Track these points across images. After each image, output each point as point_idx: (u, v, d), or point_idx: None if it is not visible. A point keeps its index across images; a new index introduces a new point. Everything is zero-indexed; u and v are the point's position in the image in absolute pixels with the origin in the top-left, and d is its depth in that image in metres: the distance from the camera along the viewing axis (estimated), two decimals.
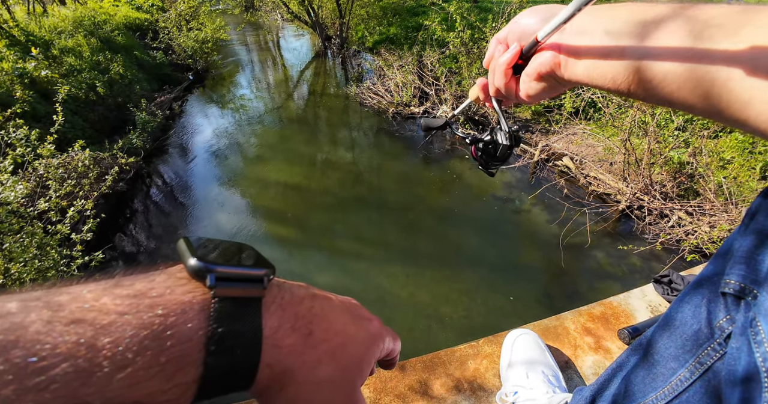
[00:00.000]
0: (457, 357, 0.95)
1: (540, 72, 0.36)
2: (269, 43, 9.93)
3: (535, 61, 0.37)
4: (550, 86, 0.38)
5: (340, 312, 0.25)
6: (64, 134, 3.69)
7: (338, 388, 0.22)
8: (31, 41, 4.54)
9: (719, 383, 0.30)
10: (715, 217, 2.85)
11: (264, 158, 4.60)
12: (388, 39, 7.29)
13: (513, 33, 0.40)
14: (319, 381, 0.21)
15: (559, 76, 0.36)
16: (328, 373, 0.22)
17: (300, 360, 0.21)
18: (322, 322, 0.23)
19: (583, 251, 3.05)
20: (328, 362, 0.22)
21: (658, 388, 0.34)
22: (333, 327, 0.23)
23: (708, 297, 0.31)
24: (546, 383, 0.74)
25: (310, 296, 0.24)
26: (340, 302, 0.26)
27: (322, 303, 0.24)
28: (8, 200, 2.23)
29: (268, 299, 0.21)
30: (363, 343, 0.25)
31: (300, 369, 0.21)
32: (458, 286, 2.82)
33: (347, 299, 0.27)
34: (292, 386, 0.21)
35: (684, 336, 0.32)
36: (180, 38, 6.89)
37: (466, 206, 3.66)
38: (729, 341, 0.29)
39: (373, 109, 5.48)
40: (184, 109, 5.87)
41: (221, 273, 0.19)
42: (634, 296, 1.10)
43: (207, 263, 0.19)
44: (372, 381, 0.91)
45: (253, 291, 0.20)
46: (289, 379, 0.21)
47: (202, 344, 0.18)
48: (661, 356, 0.34)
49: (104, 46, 5.69)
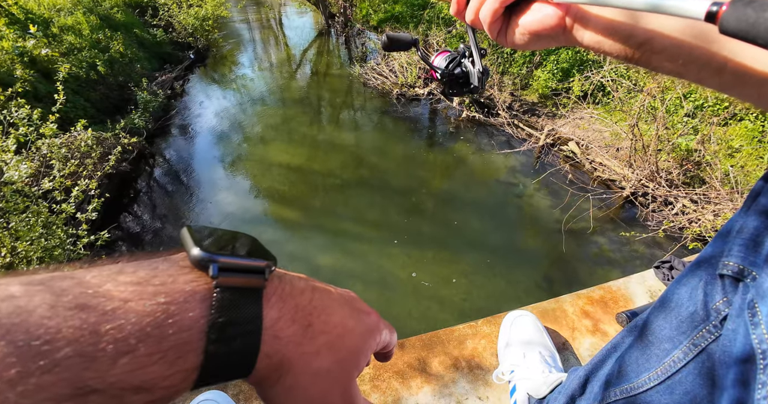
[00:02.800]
0: (455, 336, 0.97)
1: (538, 29, 0.33)
2: (271, 20, 9.68)
3: (536, 14, 0.32)
4: (545, 41, 0.34)
5: (339, 304, 0.25)
6: (66, 114, 3.67)
7: (335, 379, 0.23)
8: (30, 19, 4.44)
9: (713, 364, 0.30)
10: (720, 205, 2.83)
11: (266, 138, 4.57)
12: (393, 17, 7.09)
13: None
14: (317, 372, 0.22)
15: (559, 36, 0.33)
16: (326, 364, 0.22)
17: (299, 351, 0.21)
18: (322, 314, 0.23)
19: (585, 236, 3.05)
20: (326, 353, 0.22)
21: (652, 369, 0.34)
22: (332, 320, 0.24)
23: (705, 279, 0.31)
24: (542, 363, 0.76)
25: (310, 288, 0.24)
26: (339, 294, 0.26)
27: (321, 296, 0.24)
28: (13, 180, 2.24)
29: (269, 290, 0.21)
30: (360, 336, 0.25)
31: (298, 360, 0.21)
32: (459, 268, 2.85)
33: (346, 291, 0.28)
34: (290, 376, 0.21)
35: (679, 318, 0.33)
36: (180, 15, 6.73)
37: (469, 189, 3.64)
38: (725, 323, 0.29)
39: (376, 90, 5.39)
40: (185, 89, 5.79)
41: (224, 264, 0.20)
42: (634, 281, 1.11)
43: (210, 253, 0.20)
44: (371, 358, 0.94)
45: (254, 282, 0.21)
46: (287, 369, 0.21)
47: (203, 332, 0.18)
48: (655, 337, 0.35)
49: (103, 23, 5.57)
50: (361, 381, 0.89)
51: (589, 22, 0.31)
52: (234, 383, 0.91)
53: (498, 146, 4.11)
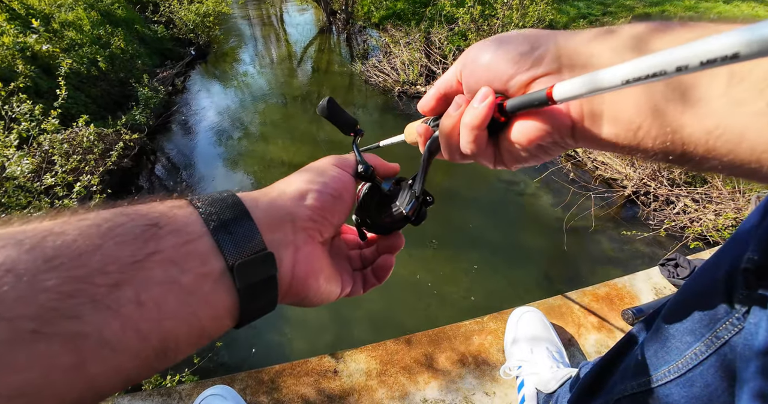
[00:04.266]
0: (462, 332, 0.98)
1: (541, 135, 0.25)
2: (272, 17, 9.64)
3: (535, 123, 0.25)
4: (554, 149, 0.27)
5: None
6: (68, 110, 3.66)
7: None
8: (31, 15, 4.42)
9: (734, 358, 0.30)
10: (722, 205, 2.83)
11: (267, 136, 4.57)
12: (394, 14, 7.06)
13: (473, 74, 0.27)
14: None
15: (568, 142, 0.26)
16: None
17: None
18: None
19: (586, 235, 3.05)
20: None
21: (671, 361, 0.34)
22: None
23: (728, 273, 0.31)
24: (550, 358, 0.76)
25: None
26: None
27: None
28: (15, 175, 2.24)
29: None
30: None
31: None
32: (460, 267, 2.85)
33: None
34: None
35: (702, 311, 0.33)
36: (181, 11, 6.70)
37: (471, 187, 3.64)
38: (747, 316, 0.29)
39: (378, 87, 5.37)
40: (186, 85, 5.78)
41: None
42: (639, 278, 1.11)
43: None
44: (378, 354, 0.94)
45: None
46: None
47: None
48: (676, 330, 0.35)
49: (104, 19, 5.55)
50: (369, 377, 0.90)
51: (609, 112, 0.23)
52: (240, 377, 0.92)
53: None
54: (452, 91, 0.31)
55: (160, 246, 0.19)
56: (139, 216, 0.20)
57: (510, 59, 0.25)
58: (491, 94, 0.25)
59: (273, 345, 2.30)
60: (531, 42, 0.25)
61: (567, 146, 0.27)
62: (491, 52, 0.26)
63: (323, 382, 0.89)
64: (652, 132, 0.22)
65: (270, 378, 0.90)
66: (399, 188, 0.35)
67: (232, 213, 0.23)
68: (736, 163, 0.20)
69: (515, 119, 0.26)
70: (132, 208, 0.21)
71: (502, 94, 0.26)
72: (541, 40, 0.25)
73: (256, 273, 0.22)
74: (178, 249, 0.20)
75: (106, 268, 0.17)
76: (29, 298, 0.15)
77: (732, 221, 2.69)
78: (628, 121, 0.22)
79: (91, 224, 0.18)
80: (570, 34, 0.25)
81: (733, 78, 0.19)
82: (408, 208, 0.32)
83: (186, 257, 0.20)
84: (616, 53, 0.22)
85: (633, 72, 0.16)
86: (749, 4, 5.69)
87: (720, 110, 0.19)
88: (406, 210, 0.32)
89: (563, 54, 0.24)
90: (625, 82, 0.17)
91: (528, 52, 0.25)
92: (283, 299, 0.26)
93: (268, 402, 0.86)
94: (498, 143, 0.28)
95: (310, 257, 0.26)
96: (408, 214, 0.32)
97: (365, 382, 0.88)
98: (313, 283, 0.27)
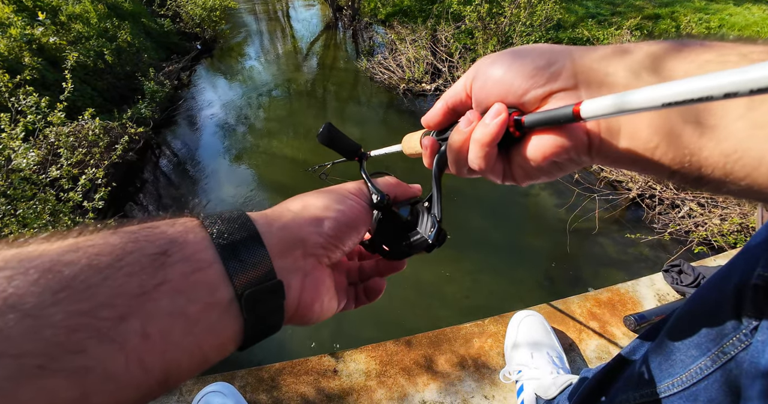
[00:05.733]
0: (462, 334, 0.97)
1: (556, 151, 0.24)
2: (278, 12, 9.62)
3: (552, 139, 0.24)
4: (568, 166, 0.26)
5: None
6: (74, 103, 3.67)
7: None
8: (38, 7, 4.43)
9: (740, 374, 0.30)
10: (728, 210, 2.80)
11: (272, 131, 4.57)
12: (401, 11, 7.02)
13: (484, 87, 0.26)
14: None
15: (584, 159, 0.25)
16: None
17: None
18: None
19: (589, 237, 3.04)
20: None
21: (675, 375, 0.34)
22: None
23: (738, 287, 0.31)
24: (550, 363, 0.75)
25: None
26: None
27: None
28: (21, 167, 2.25)
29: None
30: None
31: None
32: (462, 267, 2.84)
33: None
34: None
35: (709, 325, 0.32)
36: (187, 5, 6.70)
37: (474, 187, 3.63)
38: (755, 333, 0.29)
39: (383, 84, 5.36)
40: (192, 79, 5.78)
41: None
42: (643, 284, 1.10)
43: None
44: (378, 354, 0.94)
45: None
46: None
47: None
48: (682, 343, 0.34)
49: (111, 12, 5.55)
50: (368, 377, 0.90)
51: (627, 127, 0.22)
52: (241, 375, 0.92)
53: None
54: (460, 105, 0.30)
55: (168, 276, 0.19)
56: (148, 243, 0.19)
57: (526, 73, 0.24)
58: (504, 110, 0.25)
59: (273, 342, 2.31)
60: (547, 57, 0.24)
61: (582, 163, 0.26)
62: (506, 66, 0.25)
63: (323, 381, 0.89)
64: (669, 153, 0.21)
65: (270, 376, 0.91)
66: (417, 212, 0.33)
67: (244, 238, 0.22)
68: (754, 188, 0.19)
69: (531, 134, 0.25)
70: (142, 232, 0.20)
71: (516, 108, 0.26)
72: (557, 55, 0.24)
73: (264, 303, 0.22)
74: (186, 278, 0.20)
75: (113, 301, 0.17)
76: (35, 335, 0.15)
77: (737, 227, 2.67)
78: (646, 139, 0.22)
79: (99, 253, 0.18)
80: (585, 50, 0.24)
81: (754, 101, 0.18)
82: (432, 236, 0.30)
83: (194, 287, 0.20)
84: (633, 73, 0.21)
85: (675, 94, 0.16)
86: (760, 7, 5.60)
87: (739, 133, 0.19)
88: (431, 239, 0.30)
89: (579, 71, 0.23)
90: (666, 104, 0.16)
91: (545, 67, 0.24)
92: (288, 322, 0.26)
93: (268, 400, 0.87)
94: (509, 159, 0.28)
95: (317, 282, 0.27)
96: (433, 242, 0.30)
97: (364, 382, 0.88)
98: (317, 307, 0.27)
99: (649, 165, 0.22)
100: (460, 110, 0.30)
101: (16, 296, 0.15)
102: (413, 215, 0.33)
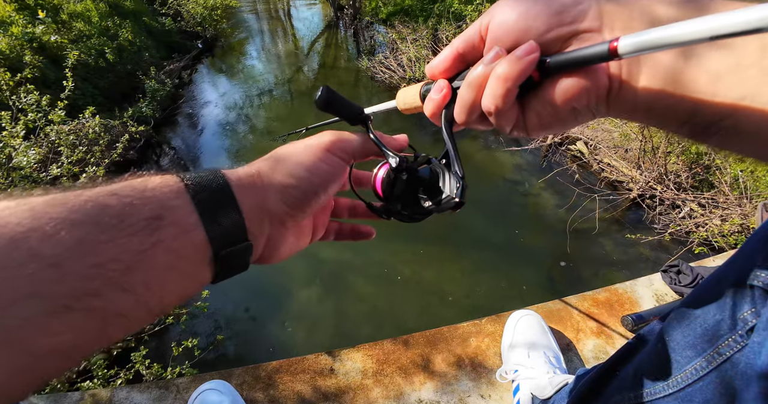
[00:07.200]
0: (459, 334, 0.97)
1: (575, 100, 0.23)
2: (280, 11, 9.62)
3: (574, 81, 0.23)
4: (580, 117, 0.26)
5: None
6: (75, 101, 3.68)
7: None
8: (39, 5, 4.43)
9: (735, 375, 0.30)
10: (728, 210, 2.79)
11: (273, 130, 4.57)
12: (402, 10, 7.01)
13: (503, 24, 0.25)
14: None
15: (600, 108, 0.25)
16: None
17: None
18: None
19: (590, 237, 3.03)
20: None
21: (670, 376, 0.34)
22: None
23: (734, 288, 0.30)
24: (547, 363, 0.75)
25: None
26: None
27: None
28: (21, 165, 2.26)
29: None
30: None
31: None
32: (462, 266, 2.84)
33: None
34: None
35: (705, 325, 0.32)
36: (189, 4, 6.70)
37: (475, 187, 3.62)
38: (751, 334, 0.29)
39: (384, 84, 5.35)
40: (193, 78, 5.79)
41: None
42: (641, 284, 1.10)
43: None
44: (375, 353, 0.94)
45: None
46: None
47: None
48: (677, 343, 0.34)
49: (113, 11, 5.56)
50: (365, 376, 0.89)
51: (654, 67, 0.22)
52: (237, 373, 0.92)
53: (505, 144, 4.08)
54: (472, 51, 0.28)
55: (162, 236, 0.23)
56: (143, 206, 0.23)
57: (552, 11, 0.23)
58: (537, 49, 0.23)
59: (273, 340, 2.31)
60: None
61: (598, 113, 0.25)
62: (530, 2, 0.24)
63: (319, 380, 0.89)
64: (684, 100, 0.22)
65: (267, 374, 0.90)
66: (435, 172, 0.31)
67: (223, 203, 0.26)
68: (762, 137, 0.20)
69: (551, 77, 0.24)
70: (135, 195, 0.23)
71: None
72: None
73: (236, 259, 0.27)
74: (177, 238, 0.23)
75: (119, 256, 0.21)
76: (60, 281, 0.19)
77: (738, 227, 2.66)
78: (664, 84, 0.22)
79: (101, 214, 0.21)
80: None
81: (766, 49, 0.19)
82: (459, 193, 0.29)
83: (184, 247, 0.24)
84: (674, 6, 0.22)
85: (726, 26, 0.15)
86: None
87: (751, 80, 0.20)
88: (458, 197, 0.28)
89: (605, 11, 0.23)
90: (714, 37, 0.16)
91: (572, 5, 0.23)
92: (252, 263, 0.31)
93: (264, 398, 0.86)
94: (523, 105, 0.26)
95: (278, 242, 0.31)
96: (461, 200, 0.29)
97: (361, 381, 0.88)
98: (276, 257, 0.32)
99: (663, 114, 0.23)
100: (470, 57, 0.28)
101: (38, 250, 0.18)
102: (433, 175, 0.31)
